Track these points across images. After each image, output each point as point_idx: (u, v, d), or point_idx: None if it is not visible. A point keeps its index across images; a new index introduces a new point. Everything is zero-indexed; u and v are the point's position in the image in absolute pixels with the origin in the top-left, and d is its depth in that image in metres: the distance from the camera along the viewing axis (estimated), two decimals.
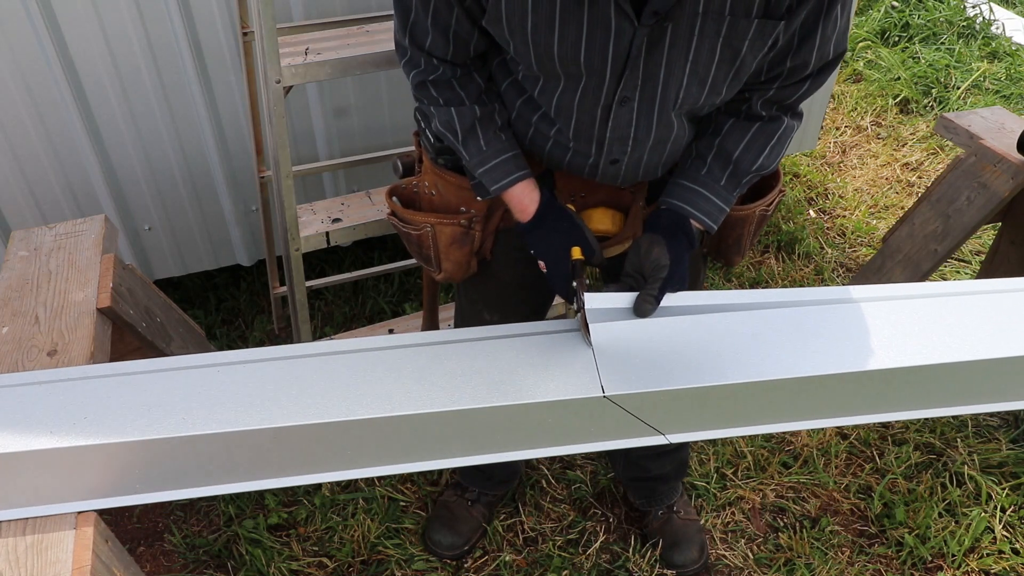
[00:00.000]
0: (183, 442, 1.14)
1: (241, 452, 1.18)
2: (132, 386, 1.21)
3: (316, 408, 1.17)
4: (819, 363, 1.24)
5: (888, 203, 3.35)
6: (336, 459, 1.23)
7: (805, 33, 1.22)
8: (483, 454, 1.27)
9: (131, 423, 1.14)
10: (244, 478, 1.22)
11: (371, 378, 1.22)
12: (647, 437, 1.28)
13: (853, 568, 2.02)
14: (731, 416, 1.30)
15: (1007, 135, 2.26)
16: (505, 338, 1.30)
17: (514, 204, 1.40)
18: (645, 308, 1.27)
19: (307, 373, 1.23)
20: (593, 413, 1.22)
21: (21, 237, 1.66)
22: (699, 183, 1.38)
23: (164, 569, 2.03)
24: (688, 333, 1.27)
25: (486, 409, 1.19)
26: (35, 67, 1.99)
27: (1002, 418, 2.42)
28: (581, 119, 1.32)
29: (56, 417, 1.15)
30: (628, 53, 1.19)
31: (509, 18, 1.20)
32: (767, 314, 1.31)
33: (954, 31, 4.45)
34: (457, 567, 2.03)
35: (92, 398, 1.18)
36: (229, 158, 2.32)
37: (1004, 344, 1.30)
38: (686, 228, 1.37)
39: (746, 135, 1.36)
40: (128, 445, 1.13)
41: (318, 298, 2.78)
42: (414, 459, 1.26)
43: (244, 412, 1.16)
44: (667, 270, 1.29)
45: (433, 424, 1.20)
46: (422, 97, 1.38)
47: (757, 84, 1.31)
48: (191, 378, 1.22)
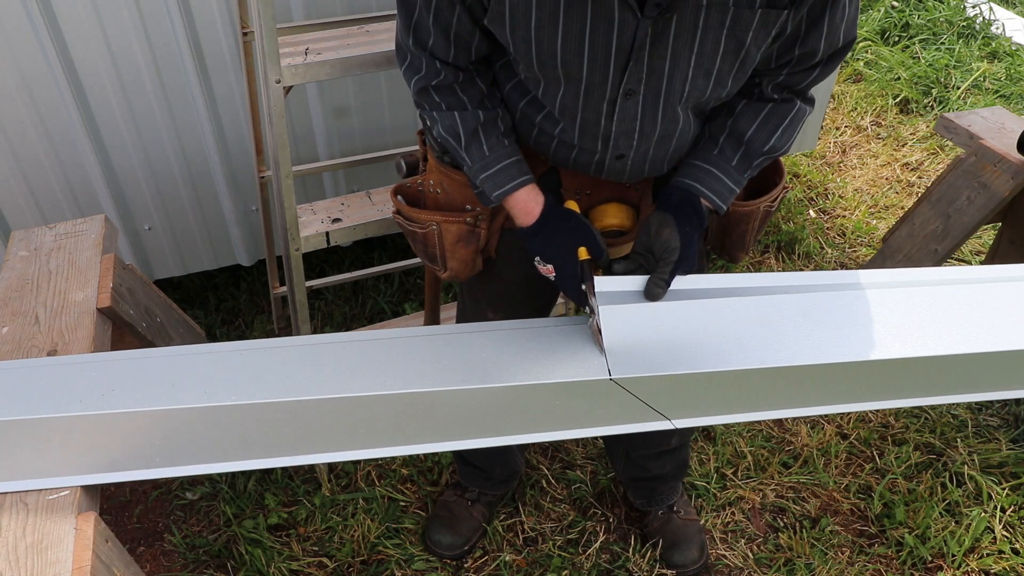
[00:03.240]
0: (203, 413, 1.19)
1: (258, 426, 1.22)
2: (155, 366, 1.26)
3: (332, 384, 1.21)
4: (826, 351, 1.25)
5: (888, 203, 3.35)
6: (350, 438, 1.26)
7: (812, 21, 1.22)
8: (491, 437, 1.29)
9: (155, 395, 1.20)
10: (260, 455, 1.26)
11: (385, 360, 1.25)
12: (653, 422, 1.29)
13: (853, 568, 2.02)
14: (737, 402, 1.30)
15: (1007, 135, 2.26)
16: (512, 330, 1.32)
17: (519, 208, 1.39)
18: (655, 292, 1.27)
19: (323, 356, 1.27)
20: (600, 396, 1.24)
21: (21, 237, 1.66)
22: (711, 163, 1.38)
23: (164, 569, 2.03)
24: (697, 318, 1.27)
25: (495, 389, 1.21)
26: (35, 67, 1.99)
27: (1002, 418, 2.42)
28: (586, 116, 1.31)
29: (86, 389, 1.21)
30: (632, 46, 1.19)
31: (512, 15, 1.19)
32: (776, 299, 1.31)
33: (954, 31, 4.45)
34: (457, 567, 2.03)
35: (119, 374, 1.24)
36: (229, 158, 2.32)
37: (1013, 335, 1.29)
38: (696, 206, 1.36)
39: (758, 116, 1.36)
40: (153, 414, 1.19)
41: (318, 298, 2.78)
42: (424, 440, 1.28)
43: (262, 387, 1.21)
44: (677, 252, 1.28)
45: (443, 404, 1.22)
46: (424, 103, 1.37)
47: (767, 70, 1.32)
48: (211, 360, 1.27)
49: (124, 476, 1.24)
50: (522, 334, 1.30)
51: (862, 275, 1.38)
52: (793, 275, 1.36)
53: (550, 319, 1.35)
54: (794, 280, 1.35)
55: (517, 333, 1.30)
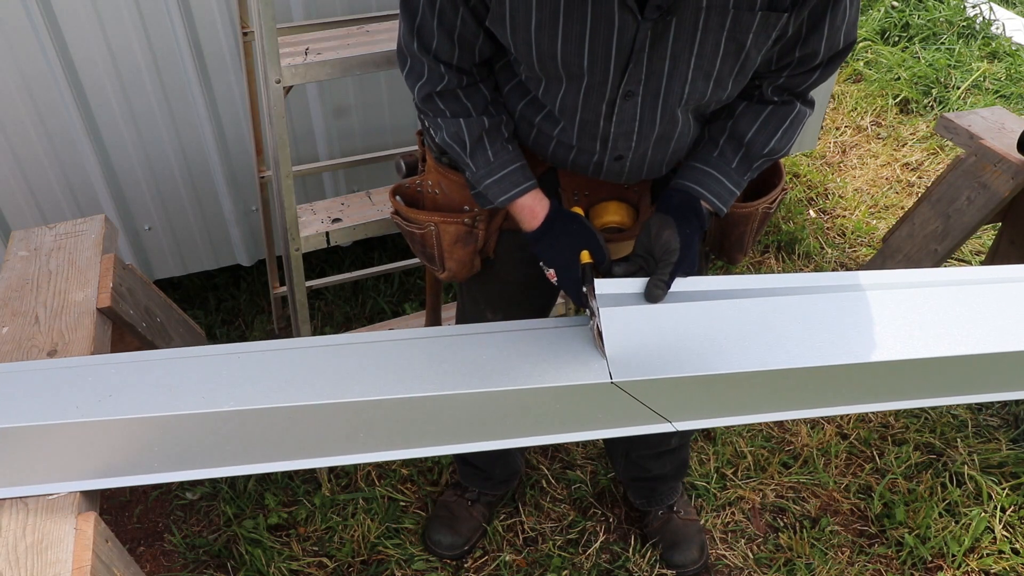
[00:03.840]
0: (202, 419, 1.18)
1: (257, 431, 1.21)
2: (154, 370, 1.25)
3: (332, 389, 1.20)
4: (826, 354, 1.24)
5: (888, 203, 3.35)
6: (351, 442, 1.26)
7: (813, 24, 1.22)
8: (491, 440, 1.29)
9: (154, 401, 1.19)
10: (260, 459, 1.26)
11: (384, 364, 1.25)
12: (654, 424, 1.29)
13: (853, 568, 2.02)
14: (738, 404, 1.30)
15: (1007, 135, 2.26)
16: (513, 332, 1.31)
17: (525, 213, 1.39)
18: (656, 293, 1.27)
19: (322, 360, 1.27)
20: (601, 399, 1.24)
21: (21, 237, 1.66)
22: (711, 165, 1.38)
23: (164, 569, 2.03)
24: (697, 320, 1.27)
25: (496, 393, 1.21)
26: (35, 67, 1.99)
27: (1002, 418, 2.42)
28: (585, 116, 1.31)
29: (83, 394, 1.20)
30: (632, 47, 1.19)
31: (513, 16, 1.19)
32: (777, 301, 1.31)
33: (954, 31, 4.45)
34: (457, 567, 2.03)
35: (116, 379, 1.23)
36: (229, 158, 2.32)
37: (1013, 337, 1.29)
38: (697, 209, 1.36)
39: (759, 118, 1.36)
40: (151, 420, 1.18)
41: (318, 298, 2.78)
42: (423, 444, 1.28)
43: (262, 392, 1.20)
44: (677, 254, 1.28)
45: (443, 408, 1.22)
46: (428, 110, 1.37)
47: (768, 72, 1.32)
48: (209, 364, 1.27)
49: (122, 481, 1.22)
50: (522, 336, 1.30)
51: (862, 276, 1.38)
52: (793, 276, 1.36)
53: (550, 320, 1.35)
54: (794, 282, 1.35)
55: (517, 335, 1.30)
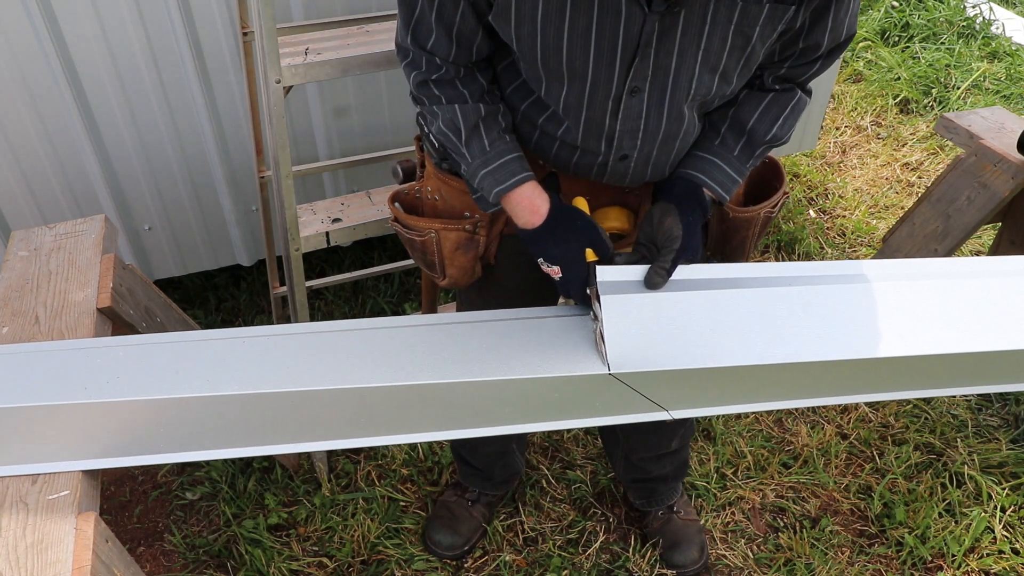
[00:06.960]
0: (206, 402, 1.21)
1: (261, 415, 1.24)
2: (159, 353, 1.28)
3: (333, 375, 1.22)
4: (827, 346, 1.25)
5: (888, 203, 3.35)
6: (351, 427, 1.28)
7: (817, 16, 1.23)
8: (488, 426, 1.30)
9: (160, 384, 1.21)
10: (262, 442, 1.28)
11: (386, 351, 1.27)
12: (651, 413, 1.30)
13: (853, 568, 2.02)
14: (737, 394, 1.31)
15: (1007, 135, 2.26)
16: (513, 321, 1.32)
17: (524, 206, 1.35)
18: (656, 280, 1.26)
19: (325, 345, 1.29)
20: (598, 389, 1.24)
21: (21, 237, 1.66)
22: (713, 152, 1.38)
23: (164, 569, 2.03)
24: (698, 310, 1.27)
25: (495, 383, 1.22)
26: (35, 67, 1.99)
27: (1002, 418, 2.42)
28: (590, 115, 1.30)
29: (92, 375, 1.22)
30: (639, 41, 1.18)
31: (518, 8, 1.18)
32: (779, 292, 1.31)
33: (954, 31, 4.45)
34: (457, 567, 2.03)
35: (124, 361, 1.26)
36: (229, 158, 2.32)
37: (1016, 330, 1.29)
38: (699, 196, 1.36)
39: (760, 105, 1.37)
40: (157, 403, 1.20)
41: (318, 298, 2.78)
42: (422, 430, 1.30)
43: (265, 377, 1.22)
44: (679, 241, 1.28)
45: (443, 395, 1.23)
46: (423, 97, 1.35)
47: (770, 63, 1.33)
48: (214, 348, 1.29)
49: (128, 461, 1.26)
50: (523, 325, 1.31)
51: (865, 266, 1.38)
52: (796, 265, 1.36)
53: (551, 308, 1.35)
54: (797, 271, 1.35)
55: (517, 324, 1.31)
